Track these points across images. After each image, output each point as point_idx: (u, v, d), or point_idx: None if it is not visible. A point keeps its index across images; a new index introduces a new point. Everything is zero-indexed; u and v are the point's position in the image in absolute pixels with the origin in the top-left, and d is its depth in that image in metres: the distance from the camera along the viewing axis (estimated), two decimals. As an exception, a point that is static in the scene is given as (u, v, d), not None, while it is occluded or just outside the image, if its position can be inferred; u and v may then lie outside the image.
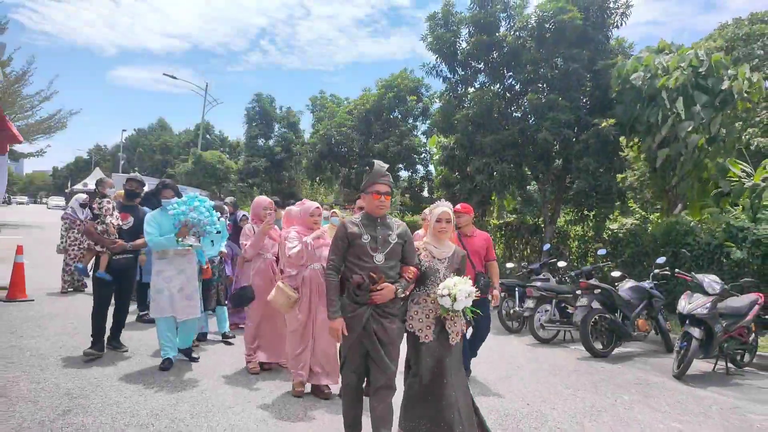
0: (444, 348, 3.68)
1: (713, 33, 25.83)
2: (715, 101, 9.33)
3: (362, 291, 3.45)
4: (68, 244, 9.25)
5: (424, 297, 3.74)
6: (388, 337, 3.52)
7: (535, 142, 11.25)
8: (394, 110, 19.48)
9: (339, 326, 3.48)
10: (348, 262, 3.55)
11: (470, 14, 12.15)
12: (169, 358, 5.38)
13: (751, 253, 8.86)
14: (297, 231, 5.01)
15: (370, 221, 3.63)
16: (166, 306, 5.34)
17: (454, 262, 3.85)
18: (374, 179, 3.61)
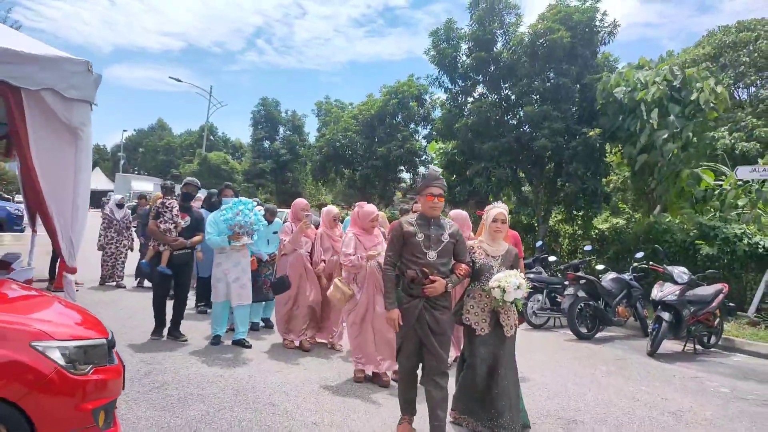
0: (499, 340, 4.04)
1: (702, 40, 26.80)
2: (687, 112, 10.45)
3: (416, 285, 3.77)
4: (106, 242, 9.86)
5: (479, 292, 4.08)
6: (440, 327, 3.81)
7: (529, 149, 12.40)
8: (398, 116, 20.54)
9: (395, 316, 3.81)
10: (404, 258, 3.87)
11: (470, 31, 13.26)
12: (218, 335, 6.31)
13: (720, 249, 9.97)
14: (355, 234, 5.46)
15: (425, 221, 3.91)
16: (223, 292, 6.22)
17: (508, 259, 4.17)
18: (429, 183, 3.90)
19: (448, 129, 14.01)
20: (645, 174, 11.36)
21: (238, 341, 6.34)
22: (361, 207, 5.61)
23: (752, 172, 9.76)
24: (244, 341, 6.35)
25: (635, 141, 10.79)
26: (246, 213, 6.20)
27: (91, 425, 2.97)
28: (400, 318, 3.79)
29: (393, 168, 20.61)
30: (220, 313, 6.39)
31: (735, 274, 9.92)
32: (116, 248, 9.95)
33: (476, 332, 4.01)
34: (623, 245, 11.59)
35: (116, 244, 9.94)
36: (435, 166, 4.48)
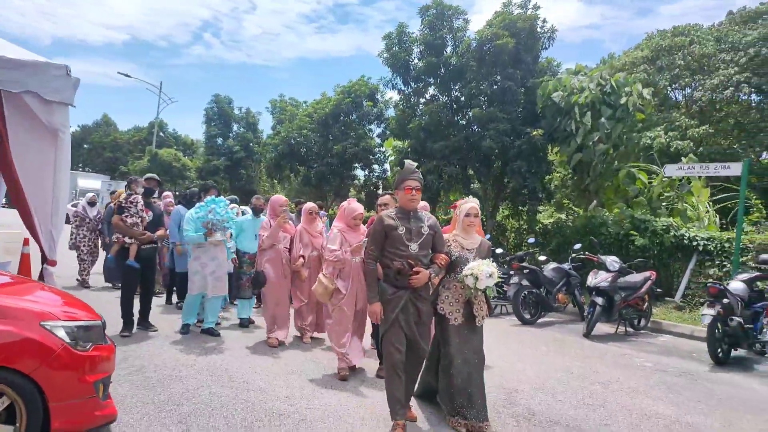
0: (470, 330, 4.19)
1: (641, 43, 28.17)
2: (617, 114, 11.40)
3: (402, 276, 3.89)
4: (78, 240, 9.70)
5: (454, 283, 4.21)
6: (421, 318, 3.99)
7: (478, 148, 13.14)
8: (352, 114, 21.00)
9: (378, 309, 3.94)
10: (386, 252, 3.97)
11: (421, 35, 13.89)
12: (187, 324, 6.63)
13: (650, 241, 10.93)
14: (340, 230, 5.51)
15: (404, 214, 4.01)
16: (199, 285, 6.49)
17: (482, 252, 4.29)
18: (406, 176, 4.01)
19: (401, 128, 14.63)
20: (581, 172, 12.28)
21: (207, 330, 6.62)
22: (349, 203, 5.74)
23: (678, 170, 10.75)
24: (213, 330, 6.62)
25: (571, 142, 11.67)
26: (218, 211, 6.43)
27: (92, 395, 3.37)
28: (382, 311, 3.91)
29: (348, 165, 21.07)
30: (192, 304, 6.70)
31: (664, 263, 10.90)
32: (91, 247, 9.78)
33: (449, 321, 4.16)
34: (564, 238, 12.46)
35: (89, 242, 9.77)
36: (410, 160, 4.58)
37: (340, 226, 5.54)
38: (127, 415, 3.98)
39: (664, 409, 5.06)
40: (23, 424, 3.10)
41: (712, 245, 10.31)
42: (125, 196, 6.60)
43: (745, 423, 4.83)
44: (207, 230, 6.37)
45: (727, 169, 9.84)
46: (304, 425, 4.08)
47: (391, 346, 3.90)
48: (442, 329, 4.24)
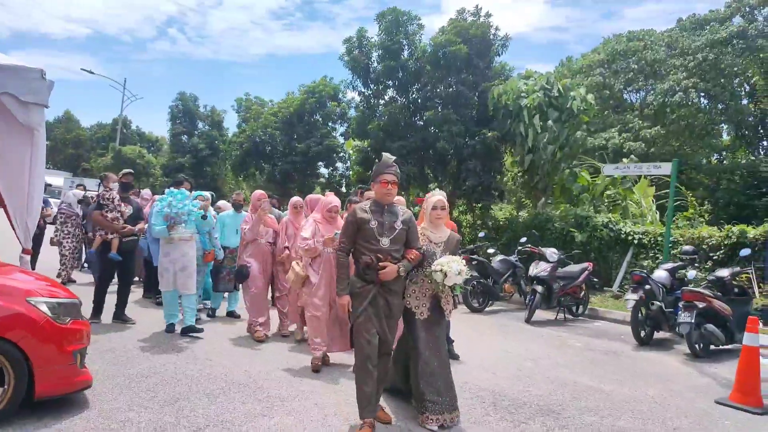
0: (435, 324, 4.21)
1: (598, 47, 29.22)
2: (563, 117, 12.23)
3: (370, 270, 3.88)
4: (62, 237, 9.50)
5: (422, 277, 4.19)
6: (390, 312, 3.98)
7: (434, 148, 13.82)
8: (316, 113, 21.51)
9: (346, 302, 3.94)
10: (357, 245, 3.96)
11: (379, 41, 14.53)
12: (172, 323, 6.45)
13: (591, 236, 11.77)
14: (315, 220, 5.58)
15: (378, 208, 3.97)
16: (170, 281, 6.38)
17: (450, 245, 4.27)
18: (382, 169, 3.97)
19: (361, 129, 15.24)
20: (531, 171, 13.09)
21: (187, 328, 6.47)
22: (326, 196, 5.80)
23: (616, 169, 11.62)
24: (194, 327, 6.50)
25: (522, 143, 12.46)
26: (175, 204, 6.33)
27: (71, 363, 3.87)
28: (350, 304, 3.92)
29: (312, 163, 21.57)
30: (171, 302, 6.54)
31: (603, 256, 11.76)
32: (74, 243, 9.58)
33: (415, 315, 4.16)
34: (515, 233, 13.24)
35: (73, 239, 9.57)
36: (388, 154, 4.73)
37: (316, 216, 5.63)
38: (100, 386, 4.44)
39: (584, 380, 5.76)
40: (11, 386, 3.58)
41: (646, 239, 11.21)
42: (101, 193, 6.80)
43: (651, 390, 5.55)
44: (168, 224, 6.30)
45: (659, 168, 10.72)
46: (260, 392, 4.62)
47: (361, 337, 3.89)
48: (408, 323, 4.23)
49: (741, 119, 22.34)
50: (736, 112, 21.86)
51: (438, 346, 4.19)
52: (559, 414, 4.61)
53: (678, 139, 23.01)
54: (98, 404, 4.12)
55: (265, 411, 4.24)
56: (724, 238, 10.03)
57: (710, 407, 5.07)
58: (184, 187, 6.86)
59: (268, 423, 4.02)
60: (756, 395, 5.03)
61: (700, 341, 7.04)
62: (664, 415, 4.73)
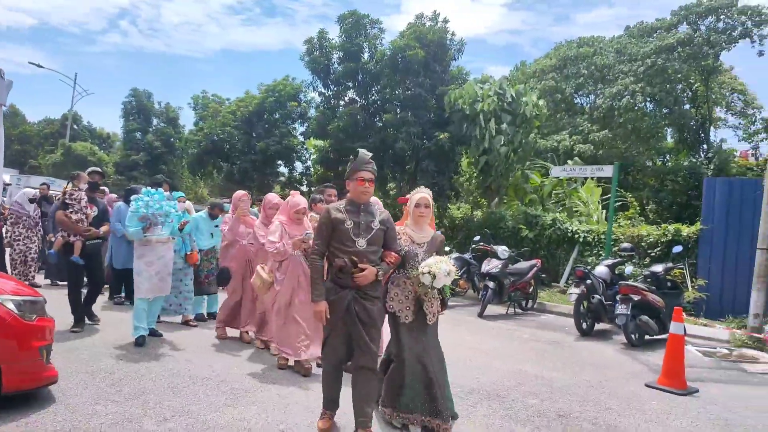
0: (422, 328, 3.96)
1: (550, 52, 30.16)
2: (516, 121, 12.79)
3: (344, 274, 3.62)
4: (13, 239, 9.13)
5: (404, 279, 3.96)
6: (370, 319, 3.67)
7: (393, 149, 14.18)
8: (276, 113, 21.53)
9: (322, 309, 3.64)
10: (332, 247, 3.71)
11: (340, 42, 14.78)
12: (143, 336, 5.97)
13: (540, 234, 12.35)
14: (282, 222, 5.37)
15: (354, 207, 3.73)
16: (145, 287, 5.99)
17: (433, 246, 4.06)
18: (359, 167, 3.71)
19: (322, 129, 15.46)
20: (485, 172, 13.61)
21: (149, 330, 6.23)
22: (293, 196, 5.57)
23: (563, 171, 12.23)
24: (154, 331, 6.32)
25: (478, 145, 12.95)
26: (152, 205, 6.04)
27: (38, 359, 4.01)
28: (327, 310, 3.66)
29: (271, 163, 21.58)
30: (142, 311, 6.09)
31: (551, 253, 12.36)
32: (26, 245, 9.24)
33: (400, 320, 3.95)
34: (470, 231, 13.73)
35: (25, 240, 9.22)
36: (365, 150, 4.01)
37: (282, 218, 5.44)
38: (64, 382, 4.55)
39: (529, 368, 6.18)
40: (-21, 381, 3.69)
41: (590, 237, 11.84)
42: (69, 191, 6.51)
43: (588, 375, 6.02)
44: (144, 225, 6.00)
45: (601, 171, 11.35)
46: (224, 385, 4.84)
47: (330, 350, 3.77)
48: (392, 327, 4.03)
49: (684, 123, 23.42)
50: (680, 116, 22.93)
51: (426, 350, 3.96)
52: (505, 398, 4.99)
53: (625, 142, 23.91)
54: (64, 399, 4.25)
55: (228, 402, 4.46)
56: (660, 236, 10.73)
57: (640, 390, 5.56)
58: (162, 188, 6.54)
59: (232, 412, 4.24)
60: (680, 378, 5.54)
61: (636, 331, 7.60)
62: (598, 398, 5.18)
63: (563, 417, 4.59)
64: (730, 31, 20.75)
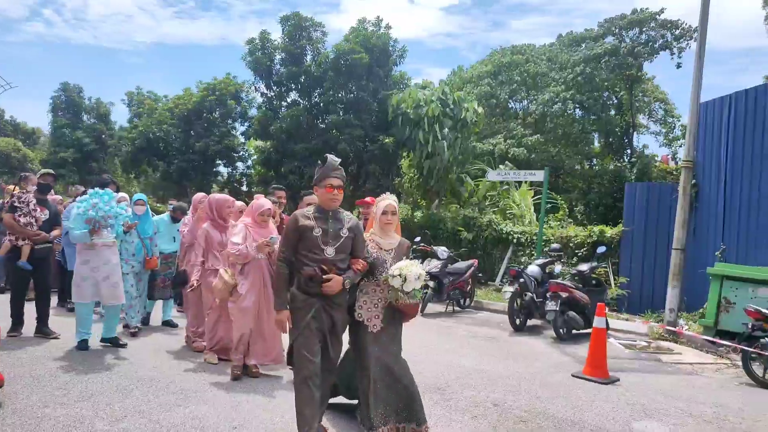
0: (389, 336, 3.93)
1: (485, 59, 31.14)
2: (457, 126, 13.31)
3: (314, 283, 3.54)
4: None
5: (373, 287, 3.91)
6: (334, 328, 3.68)
7: (336, 151, 14.37)
8: (215, 111, 21.25)
9: (284, 318, 3.62)
10: (299, 254, 3.61)
11: (282, 44, 14.85)
12: (85, 340, 5.79)
13: (477, 235, 12.90)
14: (246, 225, 5.27)
15: (323, 214, 3.65)
16: (89, 292, 5.74)
17: (401, 252, 4.01)
18: (327, 173, 3.64)
19: (264, 129, 15.47)
20: (427, 175, 14.07)
21: (110, 339, 6.06)
22: (257, 198, 5.54)
23: (497, 175, 12.84)
24: (117, 339, 6.09)
25: (421, 149, 13.39)
26: (101, 206, 5.75)
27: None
28: (289, 320, 3.62)
29: (211, 162, 21.29)
30: (86, 316, 5.90)
31: (487, 253, 12.94)
32: None
33: (368, 329, 3.88)
34: (411, 232, 14.12)
35: None
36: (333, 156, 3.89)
37: (246, 221, 5.35)
38: (8, 387, 4.51)
39: (467, 362, 6.56)
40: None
41: (524, 238, 12.48)
42: (17, 194, 6.25)
43: (520, 367, 6.46)
44: (91, 228, 5.70)
45: (533, 175, 12.00)
46: (172, 385, 4.92)
47: (302, 356, 3.57)
48: (358, 337, 3.94)
49: (609, 129, 24.81)
50: (606, 122, 24.26)
51: (393, 359, 3.93)
52: (444, 390, 5.33)
53: (556, 146, 25.04)
54: (11, 403, 4.24)
55: (179, 401, 4.57)
56: (587, 237, 11.46)
57: (567, 379, 6.04)
58: (110, 188, 6.23)
59: (183, 411, 4.36)
60: (603, 368, 6.05)
61: (564, 326, 8.15)
62: (529, 387, 5.60)
63: (498, 406, 4.96)
64: (652, 43, 22.14)
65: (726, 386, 6.13)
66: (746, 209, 8.76)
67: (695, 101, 8.81)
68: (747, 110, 8.91)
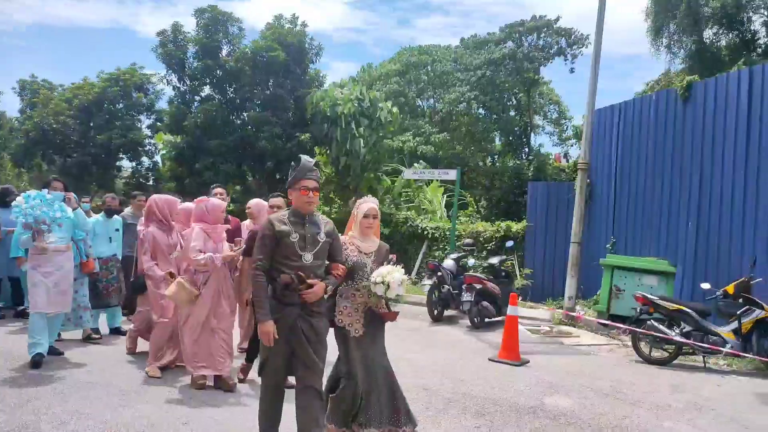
0: (371, 340, 3.84)
1: (394, 57, 31.80)
2: (373, 125, 13.79)
3: (291, 291, 3.40)
4: None
5: (353, 292, 3.82)
6: (317, 336, 3.50)
7: (253, 147, 14.38)
8: (119, 103, 20.26)
9: (271, 329, 3.36)
10: (275, 262, 3.45)
11: (197, 37, 14.56)
12: (40, 353, 5.43)
13: (394, 231, 13.45)
14: (203, 229, 5.02)
15: (299, 218, 3.51)
16: (43, 300, 5.43)
17: (380, 256, 3.94)
18: (302, 175, 3.50)
19: (176, 124, 15.09)
20: (344, 172, 14.44)
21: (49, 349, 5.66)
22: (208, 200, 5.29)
23: (413, 174, 13.47)
24: (54, 348, 5.78)
25: (339, 147, 13.72)
26: (32, 212, 5.39)
27: None
28: (275, 331, 3.38)
29: (114, 156, 20.29)
30: (40, 326, 5.49)
31: (404, 248, 13.52)
32: None
33: (350, 334, 3.79)
34: (328, 229, 14.42)
35: None
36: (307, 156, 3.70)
37: (201, 225, 5.06)
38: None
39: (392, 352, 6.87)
40: None
41: (438, 233, 13.19)
42: None
43: (442, 354, 7.03)
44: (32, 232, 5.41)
45: (447, 174, 12.72)
46: (111, 387, 4.96)
47: (273, 369, 3.49)
48: (342, 344, 3.85)
49: (509, 129, 26.38)
50: (506, 122, 25.77)
51: (377, 363, 3.86)
52: (377, 379, 5.73)
53: (461, 144, 26.26)
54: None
55: (122, 402, 4.64)
56: (495, 232, 12.35)
57: (485, 363, 6.67)
58: (54, 188, 5.83)
59: (130, 411, 4.45)
60: (516, 352, 6.73)
61: (478, 315, 8.85)
62: (452, 371, 6.16)
63: (427, 390, 5.45)
64: (548, 49, 23.77)
65: (619, 364, 7.04)
66: (633, 207, 9.91)
67: (591, 110, 9.80)
68: (634, 117, 10.05)
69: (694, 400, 5.55)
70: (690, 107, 8.82)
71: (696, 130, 8.66)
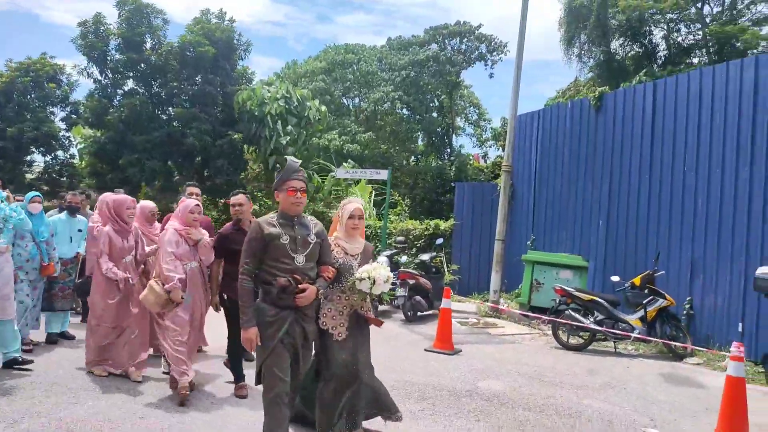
0: (355, 343, 3.83)
1: (320, 54, 31.74)
2: (301, 123, 13.95)
3: (287, 294, 3.35)
4: None
5: (338, 294, 3.79)
6: (306, 342, 3.54)
7: (181, 144, 14.08)
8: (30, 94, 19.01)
9: (253, 336, 3.33)
10: (266, 265, 3.40)
11: (119, 29, 14.06)
12: None
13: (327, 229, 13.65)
14: (176, 230, 4.92)
15: (287, 220, 3.48)
16: None
17: (366, 257, 3.92)
18: (288, 176, 3.48)
19: (97, 118, 14.47)
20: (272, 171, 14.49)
21: (10, 362, 5.32)
22: (182, 201, 5.17)
23: (345, 173, 13.74)
24: (18, 359, 5.37)
25: (267, 145, 13.76)
26: None
27: None
28: (258, 337, 3.35)
29: (25, 151, 19.01)
30: None
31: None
32: None
33: (333, 337, 3.75)
34: (258, 227, 14.43)
35: None
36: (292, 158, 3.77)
37: (175, 224, 4.97)
38: None
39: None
40: None
41: (369, 231, 13.53)
42: None
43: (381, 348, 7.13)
44: None
45: (378, 174, 13.10)
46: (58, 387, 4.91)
47: (273, 375, 3.38)
48: (323, 346, 3.81)
49: (432, 129, 27.17)
50: (429, 123, 26.51)
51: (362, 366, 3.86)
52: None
53: (386, 143, 26.74)
54: None
55: (72, 400, 4.64)
56: (424, 230, 12.88)
57: (422, 354, 7.11)
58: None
59: (82, 408, 4.48)
60: (449, 342, 7.21)
61: (411, 309, 9.29)
62: (393, 363, 6.52)
63: (371, 379, 5.78)
64: (469, 54, 24.74)
65: (541, 351, 7.71)
66: (551, 208, 10.73)
67: (513, 115, 10.50)
68: (551, 124, 10.87)
69: (607, 380, 6.25)
70: (601, 116, 9.69)
71: (607, 138, 9.53)
